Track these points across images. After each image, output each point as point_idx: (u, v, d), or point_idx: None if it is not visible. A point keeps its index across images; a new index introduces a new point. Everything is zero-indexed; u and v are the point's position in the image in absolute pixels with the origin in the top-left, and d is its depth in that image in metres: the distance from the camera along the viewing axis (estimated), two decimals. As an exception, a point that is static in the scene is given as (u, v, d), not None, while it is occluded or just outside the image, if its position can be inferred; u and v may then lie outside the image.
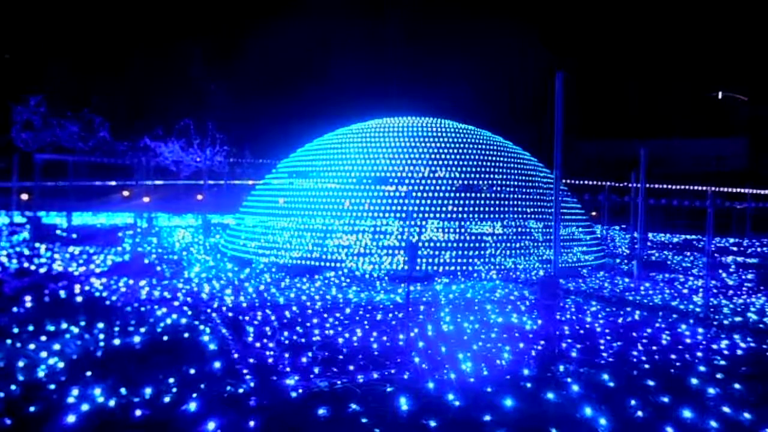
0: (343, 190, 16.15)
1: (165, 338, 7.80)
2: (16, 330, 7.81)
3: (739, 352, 7.94)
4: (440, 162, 16.51)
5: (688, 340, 8.48)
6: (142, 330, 8.08)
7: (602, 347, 7.90)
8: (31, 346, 7.05)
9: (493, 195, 16.07)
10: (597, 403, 5.65)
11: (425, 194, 15.78)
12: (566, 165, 8.97)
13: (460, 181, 15.78)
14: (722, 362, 7.36)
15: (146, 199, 30.35)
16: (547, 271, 15.16)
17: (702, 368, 7.00)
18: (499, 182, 16.53)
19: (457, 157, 16.77)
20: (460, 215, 15.76)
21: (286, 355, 7.07)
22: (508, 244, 15.80)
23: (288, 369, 6.58)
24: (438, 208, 15.72)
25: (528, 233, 16.45)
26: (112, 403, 5.40)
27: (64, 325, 8.10)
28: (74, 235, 20.32)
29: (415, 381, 6.23)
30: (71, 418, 5.06)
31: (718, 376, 6.73)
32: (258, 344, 7.61)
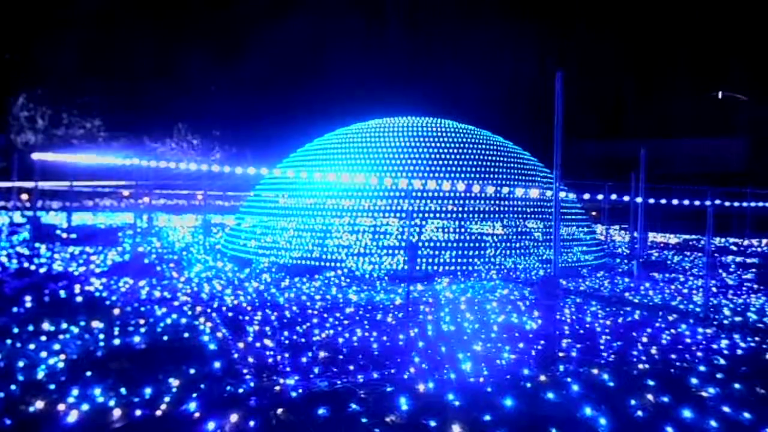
0: (343, 190, 16.16)
1: (165, 338, 7.80)
2: (16, 330, 7.80)
3: (739, 352, 7.94)
4: (440, 162, 16.51)
5: (688, 340, 8.48)
6: (142, 330, 8.08)
7: (602, 347, 7.90)
8: (31, 346, 7.05)
9: (493, 195, 16.07)
10: (597, 403, 5.65)
11: (425, 194, 15.78)
12: (566, 165, 8.95)
13: (460, 182, 15.78)
14: (722, 362, 7.36)
15: (146, 199, 30.34)
16: (546, 271, 15.15)
17: (702, 368, 6.99)
18: (499, 182, 16.52)
19: (457, 157, 16.77)
20: (460, 215, 15.76)
21: (287, 355, 7.07)
22: (508, 244, 15.80)
23: (288, 369, 6.58)
24: (438, 208, 15.72)
25: (528, 233, 16.45)
26: (112, 403, 5.39)
27: (64, 325, 8.10)
28: (73, 235, 20.31)
29: (415, 381, 6.23)
30: (71, 418, 5.06)
31: (718, 376, 6.73)
32: (258, 344, 7.61)
